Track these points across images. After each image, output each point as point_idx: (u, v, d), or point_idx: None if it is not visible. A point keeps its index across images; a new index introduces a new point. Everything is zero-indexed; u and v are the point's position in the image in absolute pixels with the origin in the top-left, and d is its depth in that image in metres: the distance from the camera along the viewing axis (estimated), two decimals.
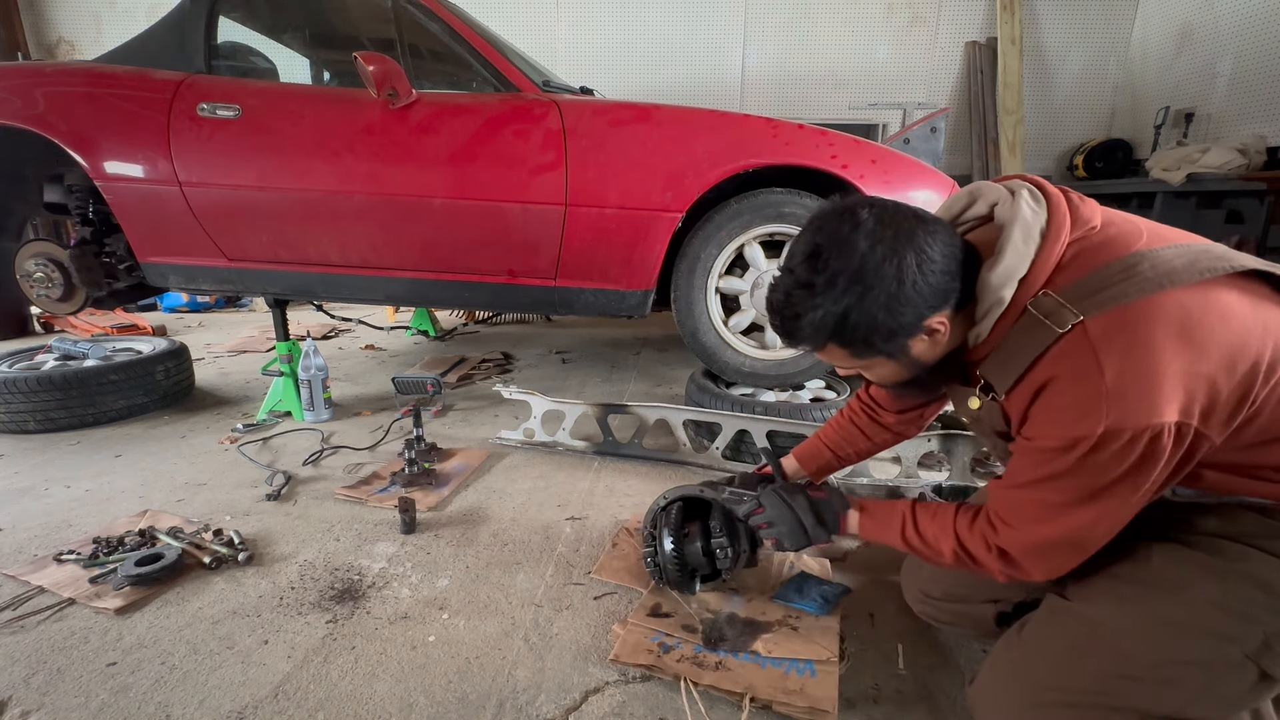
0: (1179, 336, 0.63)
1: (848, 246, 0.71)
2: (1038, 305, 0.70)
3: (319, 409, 2.20)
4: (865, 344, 0.75)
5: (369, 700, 0.95)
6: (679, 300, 2.07)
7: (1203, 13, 4.37)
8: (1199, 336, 0.63)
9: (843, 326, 0.73)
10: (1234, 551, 0.69)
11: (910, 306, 0.72)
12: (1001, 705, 0.79)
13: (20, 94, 1.99)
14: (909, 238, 0.71)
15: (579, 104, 1.98)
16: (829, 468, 1.17)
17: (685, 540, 1.17)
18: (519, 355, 3.26)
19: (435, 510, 1.56)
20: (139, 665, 1.02)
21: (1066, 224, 0.72)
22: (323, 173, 1.98)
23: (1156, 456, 0.64)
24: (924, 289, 0.71)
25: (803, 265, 0.74)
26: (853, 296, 0.71)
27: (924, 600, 1.07)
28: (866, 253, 0.70)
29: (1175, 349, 0.63)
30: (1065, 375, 0.67)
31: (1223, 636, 0.67)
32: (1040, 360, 0.69)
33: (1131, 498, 0.68)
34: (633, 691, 0.97)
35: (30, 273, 2.28)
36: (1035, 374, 0.70)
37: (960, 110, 5.08)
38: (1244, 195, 3.82)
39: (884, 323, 0.72)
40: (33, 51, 5.15)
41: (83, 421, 2.09)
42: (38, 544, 1.38)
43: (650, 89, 5.10)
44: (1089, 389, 0.65)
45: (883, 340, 0.74)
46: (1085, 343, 0.66)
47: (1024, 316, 0.71)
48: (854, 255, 0.71)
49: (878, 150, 2.01)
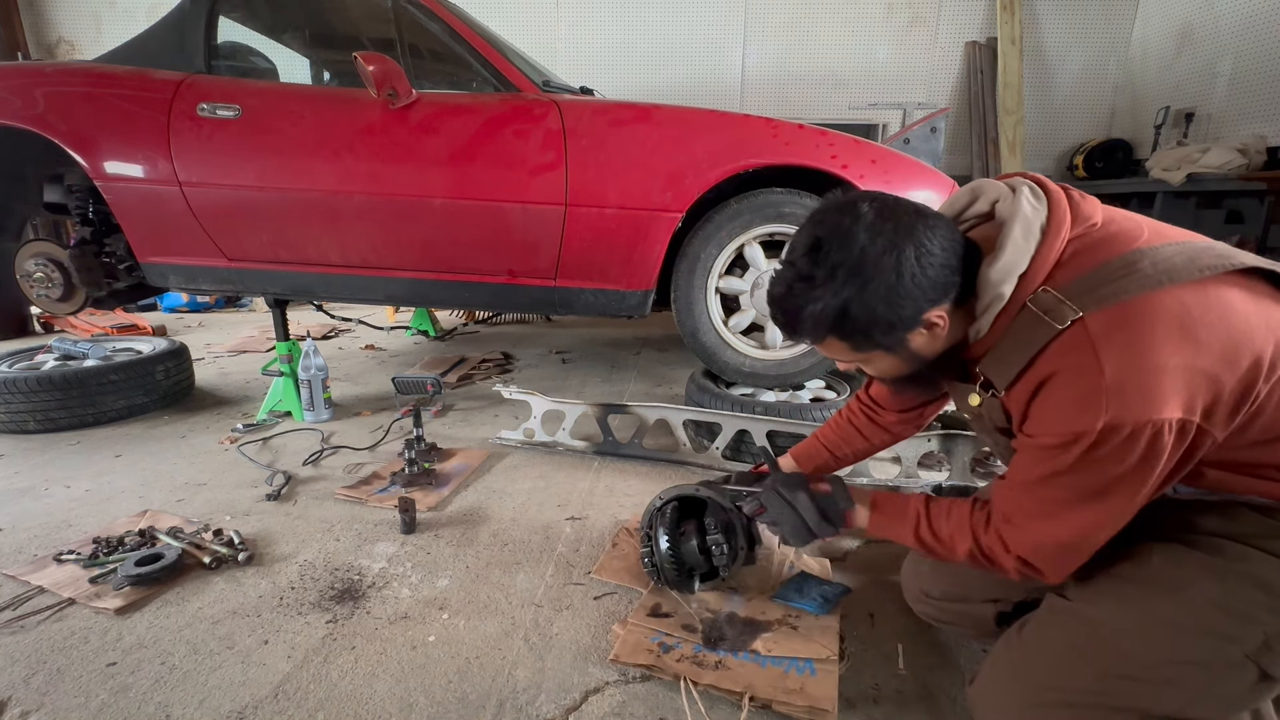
0: (1179, 332, 0.63)
1: (848, 239, 0.72)
2: (1037, 301, 0.70)
3: (319, 409, 2.20)
4: (864, 337, 0.76)
5: (369, 700, 0.95)
6: (679, 300, 2.07)
7: (1203, 13, 4.37)
8: (1199, 333, 0.63)
9: (842, 319, 0.74)
10: (1234, 551, 0.69)
11: (909, 299, 0.72)
12: (1001, 705, 0.79)
13: (20, 94, 1.99)
14: (909, 231, 0.71)
15: (579, 104, 1.98)
16: (826, 468, 1.17)
17: (681, 539, 1.17)
18: (519, 355, 3.26)
19: (435, 510, 1.56)
20: (139, 665, 1.02)
21: (1067, 220, 0.72)
22: (323, 173, 1.98)
23: (1158, 453, 0.64)
24: (923, 282, 0.71)
25: (804, 258, 0.75)
26: (852, 289, 0.72)
27: (924, 600, 1.07)
28: (866, 245, 0.71)
29: (1175, 345, 0.62)
30: (1065, 371, 0.67)
31: (1223, 636, 0.67)
32: (1040, 356, 0.69)
33: (1136, 494, 0.67)
34: (633, 691, 0.97)
35: (30, 273, 2.28)
36: (1035, 370, 0.70)
37: (960, 110, 5.08)
38: (1244, 195, 3.82)
39: (883, 315, 0.73)
40: (33, 51, 5.15)
41: (83, 421, 2.09)
42: (38, 544, 1.38)
43: (650, 89, 5.10)
44: (1088, 384, 0.65)
45: (882, 333, 0.75)
46: (1085, 339, 0.65)
47: (1023, 313, 0.71)
48: (854, 248, 0.71)
49: (878, 150, 2.01)
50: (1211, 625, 0.68)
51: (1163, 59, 4.70)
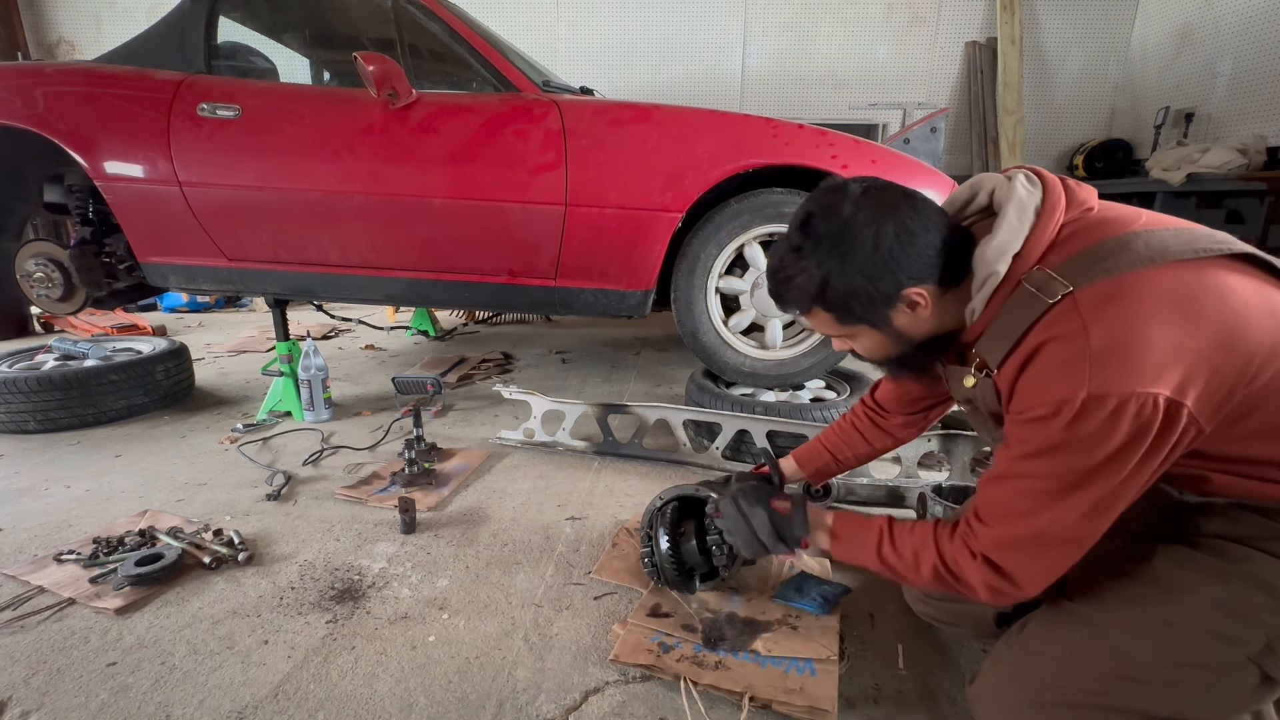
0: (1171, 308, 0.62)
1: (834, 213, 0.76)
2: (1030, 279, 0.71)
3: (319, 409, 2.20)
4: (845, 309, 0.79)
5: (369, 700, 0.95)
6: (679, 300, 2.07)
7: (1203, 13, 4.37)
8: (1192, 311, 0.62)
9: (824, 289, 0.77)
10: (1237, 553, 0.69)
11: (888, 274, 0.74)
12: (1002, 705, 0.79)
13: (20, 94, 1.99)
14: (891, 209, 0.74)
15: (579, 104, 1.98)
16: (827, 470, 1.17)
17: (681, 539, 1.17)
18: (519, 355, 3.26)
19: (435, 510, 1.56)
20: (139, 665, 1.02)
21: (1061, 203, 0.73)
22: (323, 173, 1.98)
23: (1143, 435, 0.62)
24: (901, 259, 0.74)
25: (796, 231, 0.79)
26: (834, 260, 0.75)
27: (924, 600, 1.07)
28: (849, 219, 0.74)
29: (1165, 320, 0.62)
30: (1051, 340, 0.67)
31: (1225, 638, 0.67)
32: (1030, 330, 0.69)
33: (1117, 486, 0.65)
34: (633, 691, 0.97)
35: (30, 273, 2.28)
36: (1025, 344, 0.70)
37: (960, 110, 5.08)
38: (1244, 195, 3.82)
39: (861, 287, 0.75)
40: (33, 51, 5.15)
41: (83, 421, 2.09)
42: (38, 544, 1.38)
43: (650, 89, 5.10)
44: (1073, 351, 0.64)
45: (861, 306, 0.77)
46: (1074, 311, 0.65)
47: (1018, 290, 0.72)
48: (839, 221, 0.75)
49: (878, 150, 2.01)
50: (1213, 627, 0.67)
51: (1163, 59, 4.70)
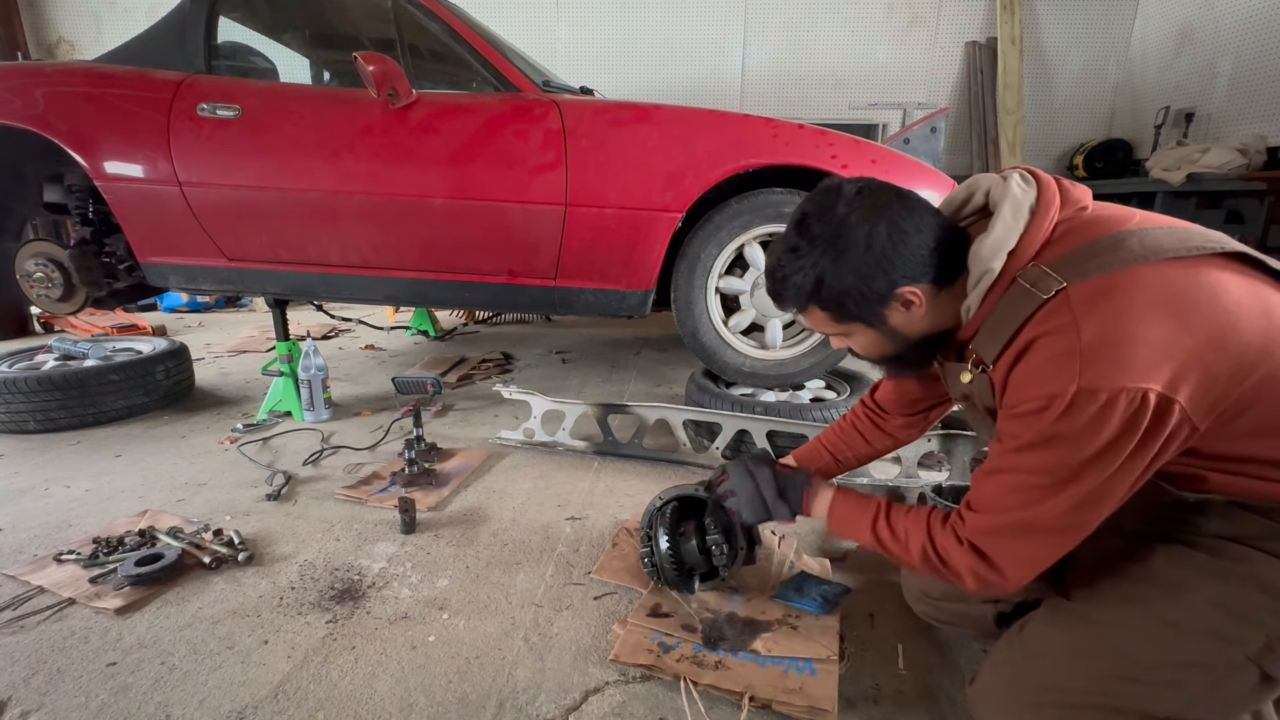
0: (1163, 306, 0.63)
1: (828, 213, 0.77)
2: (1025, 275, 0.71)
3: (319, 409, 2.20)
4: (840, 307, 0.80)
5: (369, 700, 0.95)
6: (679, 300, 2.07)
7: (1203, 13, 4.37)
8: (1184, 309, 0.62)
9: (819, 288, 0.79)
10: (1236, 553, 0.69)
11: (881, 273, 0.75)
12: (1002, 705, 0.78)
13: (20, 94, 1.99)
14: (884, 209, 0.75)
15: (579, 104, 1.98)
16: (828, 471, 1.17)
17: (681, 539, 1.17)
18: (519, 355, 3.26)
19: (435, 510, 1.56)
20: (139, 665, 1.02)
21: (1055, 202, 0.74)
22: (323, 173, 1.98)
23: (1133, 429, 0.62)
24: (894, 257, 0.75)
25: (792, 231, 0.81)
26: (828, 259, 0.77)
27: (924, 600, 1.07)
28: (843, 219, 0.76)
29: (1157, 317, 0.62)
30: (1043, 335, 0.68)
31: (1225, 638, 0.67)
32: (1024, 326, 0.70)
33: (1107, 481, 0.65)
34: (633, 691, 0.97)
35: (30, 273, 2.28)
36: (1019, 339, 0.71)
37: (960, 110, 5.08)
38: (1244, 195, 3.82)
39: (854, 285, 0.77)
40: (33, 51, 5.15)
41: (83, 421, 2.09)
42: (38, 544, 1.38)
43: (650, 89, 5.10)
44: (1064, 346, 0.65)
45: (855, 304, 0.78)
46: (1066, 306, 0.66)
47: (1012, 287, 0.73)
48: (832, 221, 0.77)
49: (878, 150, 2.01)
50: (1213, 627, 0.67)
51: (1163, 59, 4.70)
